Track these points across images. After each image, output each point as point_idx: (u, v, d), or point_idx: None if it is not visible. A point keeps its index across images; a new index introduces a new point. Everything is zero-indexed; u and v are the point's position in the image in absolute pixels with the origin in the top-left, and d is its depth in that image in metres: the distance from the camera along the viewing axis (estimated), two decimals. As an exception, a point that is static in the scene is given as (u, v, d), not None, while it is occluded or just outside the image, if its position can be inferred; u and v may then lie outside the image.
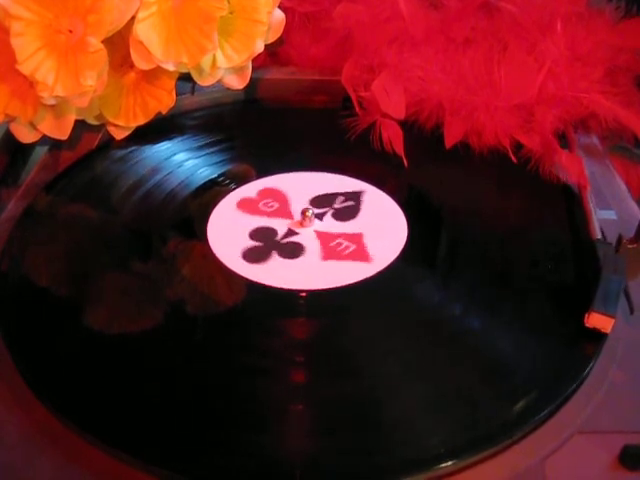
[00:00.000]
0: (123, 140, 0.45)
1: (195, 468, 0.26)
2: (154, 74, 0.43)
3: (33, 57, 0.38)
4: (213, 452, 0.27)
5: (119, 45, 0.41)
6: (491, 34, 0.48)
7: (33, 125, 0.42)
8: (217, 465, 0.27)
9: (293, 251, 0.37)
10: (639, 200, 0.42)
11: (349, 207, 0.40)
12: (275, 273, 0.35)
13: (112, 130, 0.45)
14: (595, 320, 0.31)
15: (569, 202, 0.40)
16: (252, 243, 0.37)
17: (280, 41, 0.48)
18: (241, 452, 0.27)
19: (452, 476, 0.27)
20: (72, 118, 0.42)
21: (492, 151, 0.43)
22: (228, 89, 0.47)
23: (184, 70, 0.42)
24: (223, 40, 0.43)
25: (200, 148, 0.45)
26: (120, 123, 0.44)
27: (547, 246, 0.37)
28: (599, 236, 0.36)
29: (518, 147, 0.43)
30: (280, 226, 0.39)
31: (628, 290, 0.34)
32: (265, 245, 0.37)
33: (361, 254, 0.36)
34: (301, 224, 0.38)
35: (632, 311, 0.34)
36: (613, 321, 0.31)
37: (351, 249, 0.37)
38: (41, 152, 0.47)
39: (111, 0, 0.38)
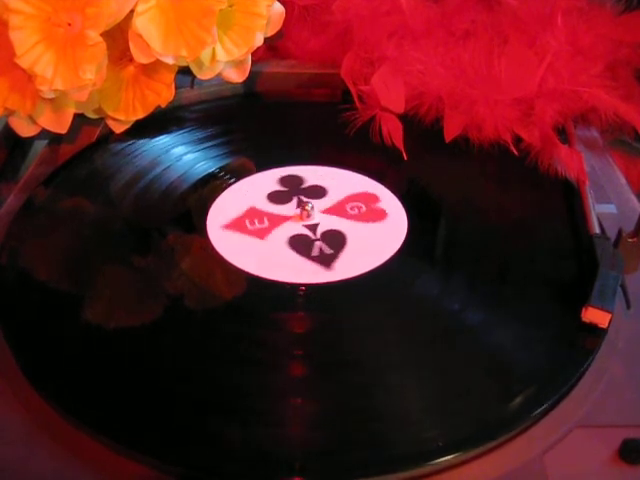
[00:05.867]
0: (122, 134, 0.45)
1: (194, 461, 0.27)
2: (153, 68, 0.43)
3: (32, 50, 0.38)
4: (213, 444, 0.27)
5: (118, 39, 0.41)
6: (491, 27, 0.48)
7: (32, 119, 0.42)
8: (216, 457, 0.27)
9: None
10: (639, 194, 0.42)
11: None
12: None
13: (111, 124, 0.45)
14: (592, 315, 0.31)
15: (568, 197, 0.40)
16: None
17: (279, 34, 0.48)
18: (241, 445, 0.27)
19: (451, 470, 0.27)
20: (71, 112, 0.42)
21: (492, 145, 0.43)
22: (227, 82, 0.47)
23: (183, 64, 0.42)
24: (222, 33, 0.43)
25: (199, 141, 0.45)
26: (119, 117, 0.44)
27: (546, 240, 0.37)
28: (597, 231, 0.36)
29: (517, 141, 0.43)
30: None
31: (625, 285, 0.34)
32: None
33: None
34: (300, 217, 0.38)
35: (629, 306, 0.34)
36: (610, 316, 0.31)
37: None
38: (40, 146, 0.47)
39: (110, -7, 0.38)
